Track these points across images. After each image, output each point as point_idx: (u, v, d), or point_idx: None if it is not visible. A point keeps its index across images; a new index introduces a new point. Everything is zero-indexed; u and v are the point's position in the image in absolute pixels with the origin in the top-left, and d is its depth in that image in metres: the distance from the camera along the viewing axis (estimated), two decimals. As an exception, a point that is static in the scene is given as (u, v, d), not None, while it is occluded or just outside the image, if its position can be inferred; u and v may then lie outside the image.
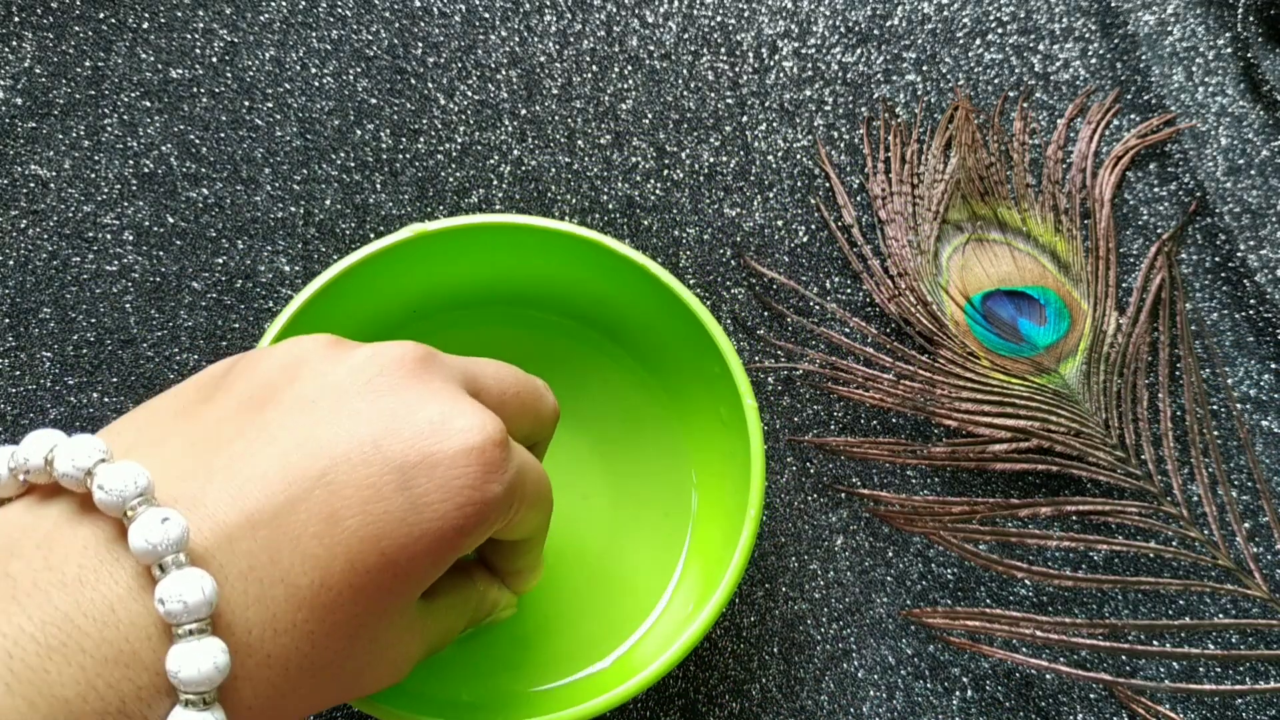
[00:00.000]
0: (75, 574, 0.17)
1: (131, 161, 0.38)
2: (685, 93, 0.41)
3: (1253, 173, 0.40)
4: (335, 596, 0.19)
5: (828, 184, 0.40)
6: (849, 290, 0.38)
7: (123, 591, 0.17)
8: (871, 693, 0.33)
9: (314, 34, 0.41)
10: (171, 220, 0.38)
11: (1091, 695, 0.33)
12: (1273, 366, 0.37)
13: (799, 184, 0.40)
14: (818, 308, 0.38)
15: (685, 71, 0.41)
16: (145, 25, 0.40)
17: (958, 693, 0.33)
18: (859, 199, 0.39)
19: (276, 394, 0.21)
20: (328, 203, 0.38)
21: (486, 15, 0.42)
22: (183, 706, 0.17)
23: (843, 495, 0.35)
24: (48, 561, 0.17)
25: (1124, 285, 0.39)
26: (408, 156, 0.39)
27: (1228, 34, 0.42)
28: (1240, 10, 0.42)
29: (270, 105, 0.39)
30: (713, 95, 0.41)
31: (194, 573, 0.17)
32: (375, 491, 0.20)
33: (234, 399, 0.21)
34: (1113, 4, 0.42)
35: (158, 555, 0.17)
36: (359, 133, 0.39)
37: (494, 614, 0.28)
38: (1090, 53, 0.42)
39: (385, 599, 0.20)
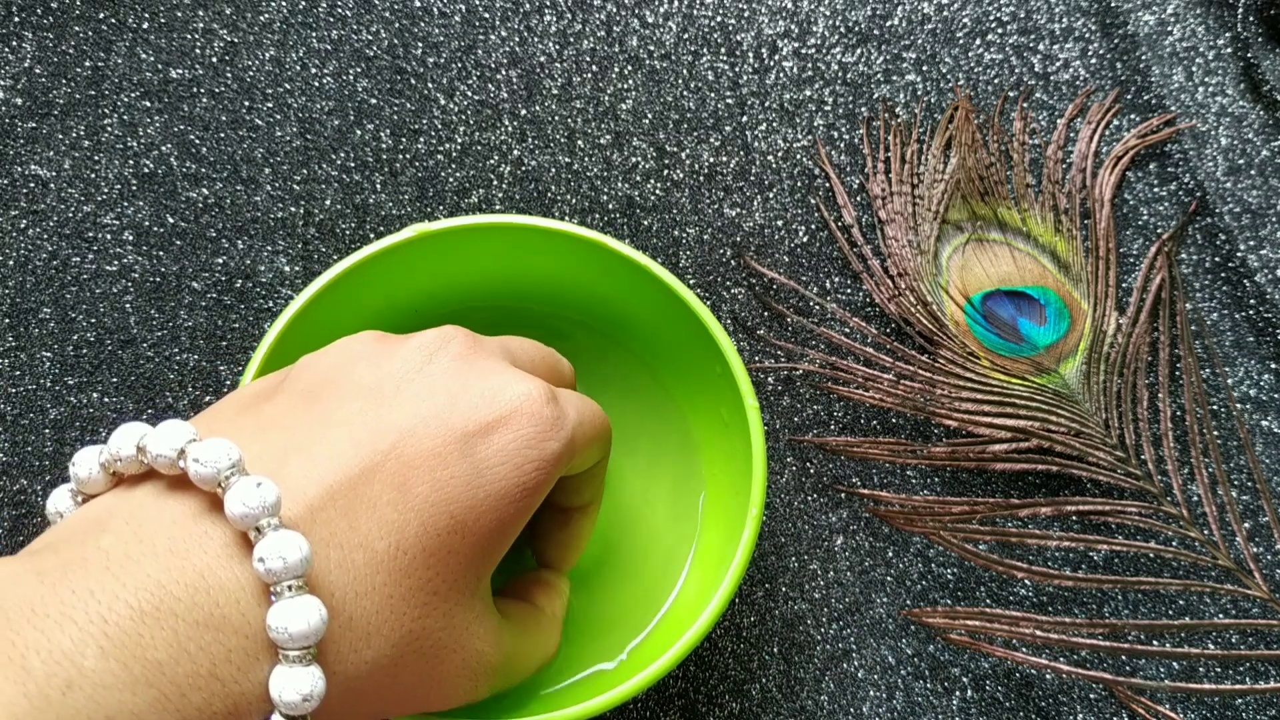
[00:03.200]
0: (166, 545, 0.18)
1: (131, 161, 0.38)
2: (685, 93, 0.41)
3: (1253, 173, 0.40)
4: (410, 561, 0.20)
5: (828, 184, 0.40)
6: (849, 290, 0.38)
7: (211, 560, 0.18)
8: (871, 693, 0.33)
9: (314, 34, 0.41)
10: (171, 220, 0.38)
11: (1091, 695, 0.33)
12: (1273, 366, 0.37)
13: (799, 184, 0.40)
14: (818, 308, 0.38)
15: (685, 71, 0.41)
16: (145, 25, 0.40)
17: (958, 693, 0.33)
18: (859, 199, 0.39)
19: (336, 385, 0.22)
20: (328, 203, 0.38)
21: (486, 15, 0.42)
22: (286, 665, 0.17)
23: (843, 495, 0.35)
24: (138, 535, 0.18)
25: (1124, 285, 0.39)
26: (408, 156, 0.39)
27: (1228, 34, 0.42)
28: (1240, 10, 0.42)
29: (270, 105, 0.39)
30: (713, 95, 0.41)
31: (290, 534, 0.18)
32: (441, 460, 0.21)
33: (294, 394, 0.22)
34: (1113, 4, 0.42)
35: (254, 519, 0.18)
36: (359, 133, 0.39)
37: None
38: (1090, 53, 0.42)
39: (456, 563, 0.21)
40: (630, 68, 0.41)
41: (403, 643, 0.20)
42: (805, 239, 0.39)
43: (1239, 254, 0.39)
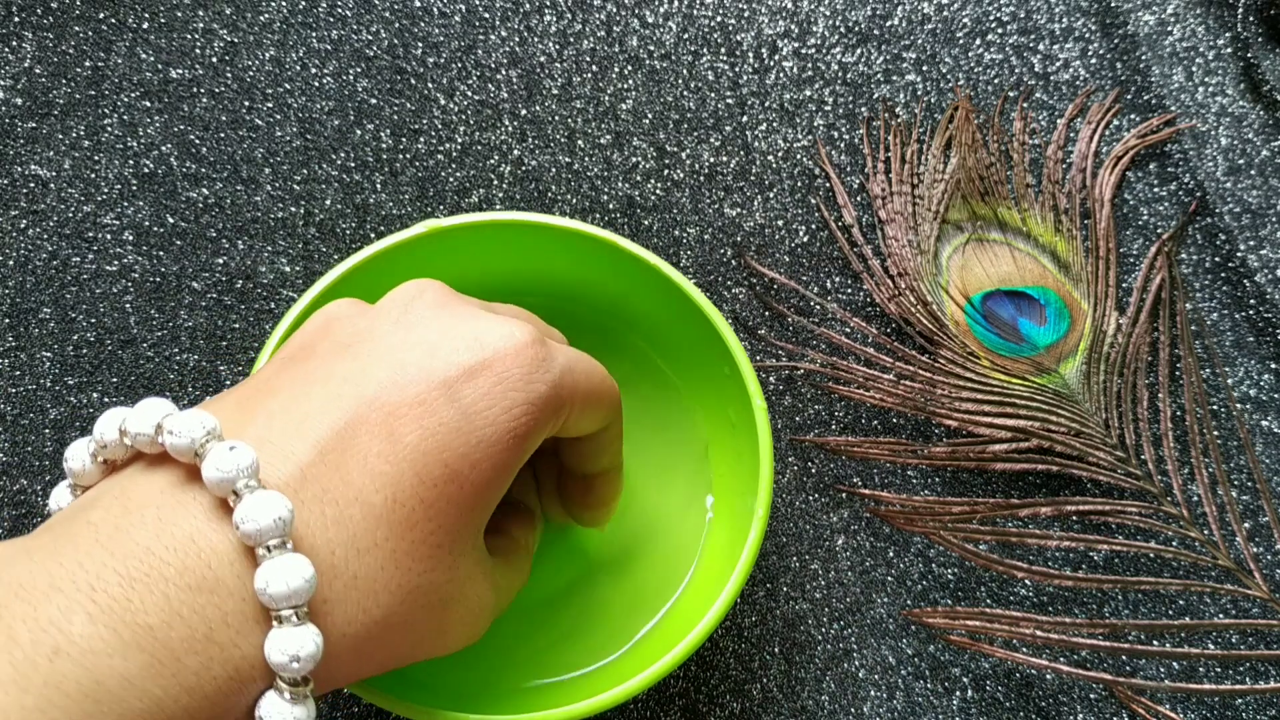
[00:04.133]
0: (154, 514, 0.18)
1: (131, 161, 0.38)
2: (685, 93, 0.41)
3: (1253, 173, 0.40)
4: (409, 513, 0.20)
5: (828, 184, 0.40)
6: (849, 290, 0.38)
7: (200, 523, 0.18)
8: (872, 693, 0.33)
9: (314, 34, 0.41)
10: (171, 220, 0.37)
11: (1091, 695, 0.33)
12: (1273, 366, 0.37)
13: (799, 184, 0.40)
14: (818, 308, 0.38)
15: (685, 71, 0.41)
16: (145, 25, 0.40)
17: (958, 693, 0.33)
18: (859, 199, 0.40)
19: (315, 347, 0.22)
20: (328, 203, 0.38)
21: (486, 15, 0.42)
22: (278, 625, 0.17)
23: (844, 495, 0.35)
24: (126, 507, 0.18)
25: (1124, 285, 0.39)
26: (408, 156, 0.39)
27: (1228, 34, 0.42)
28: (1240, 10, 0.42)
29: (270, 105, 0.39)
30: (713, 95, 0.41)
31: (267, 494, 0.18)
32: (426, 408, 0.20)
33: (278, 362, 0.22)
34: (1113, 4, 0.42)
35: (230, 483, 0.18)
36: (359, 133, 0.39)
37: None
38: (1090, 53, 0.42)
39: (456, 515, 0.21)
40: (630, 68, 0.41)
41: (410, 598, 0.20)
42: (805, 239, 0.39)
43: (1239, 254, 0.39)
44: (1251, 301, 0.38)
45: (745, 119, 0.40)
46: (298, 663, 0.17)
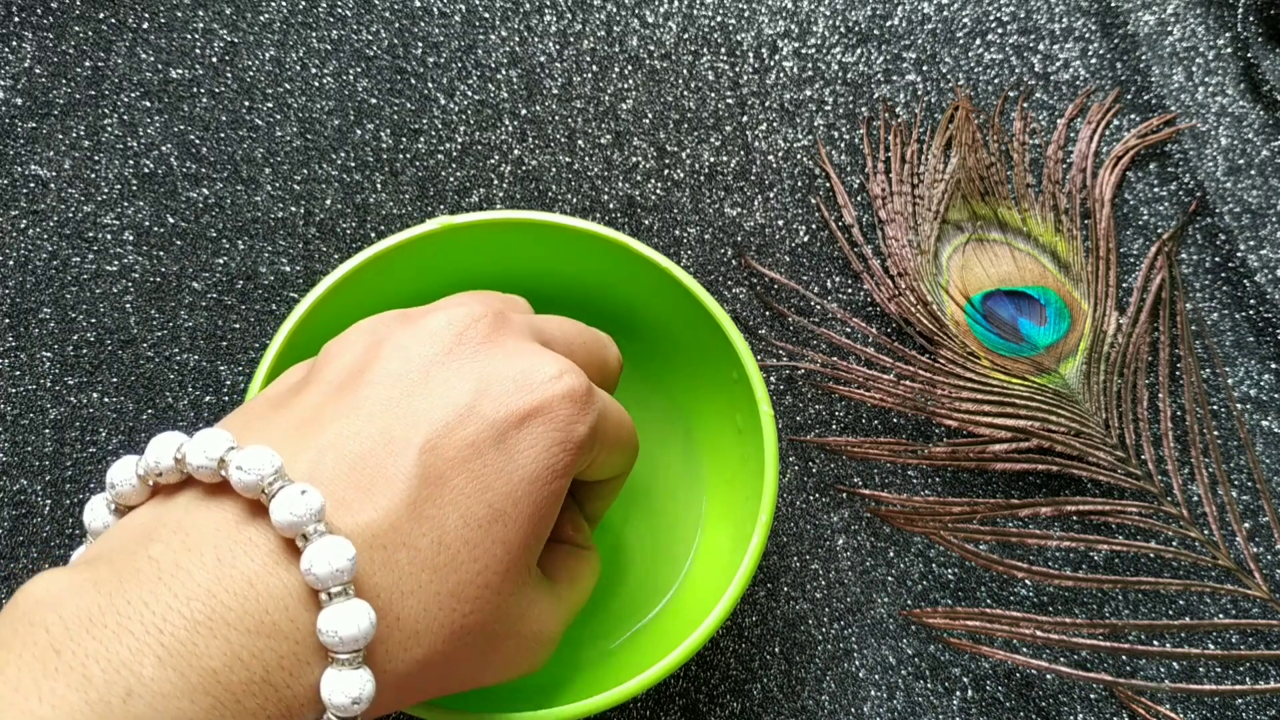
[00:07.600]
0: (213, 553, 0.18)
1: (131, 161, 0.38)
2: (685, 93, 0.41)
3: (1253, 173, 0.40)
4: (453, 555, 0.20)
5: (828, 184, 0.40)
6: (849, 290, 0.38)
7: (258, 567, 0.18)
8: (872, 692, 0.33)
9: (314, 34, 0.41)
10: (171, 220, 0.37)
11: (1092, 695, 0.33)
12: (1273, 366, 0.37)
13: (799, 184, 0.40)
14: (818, 308, 0.38)
15: (685, 71, 0.41)
16: (145, 25, 0.40)
17: (958, 693, 0.33)
18: (859, 199, 0.40)
19: (365, 373, 0.22)
20: (328, 203, 0.38)
21: (486, 15, 0.41)
22: (335, 669, 0.18)
23: (844, 495, 0.35)
24: (186, 544, 0.18)
25: (1124, 285, 0.39)
26: (408, 156, 0.39)
27: (1228, 34, 0.42)
28: (1240, 10, 0.42)
29: (270, 105, 0.39)
30: (713, 95, 0.41)
31: (334, 539, 0.18)
32: (475, 450, 0.21)
33: (325, 385, 0.22)
34: (1113, 4, 0.42)
35: (300, 526, 0.18)
36: (359, 133, 0.39)
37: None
38: (1090, 53, 0.42)
39: (505, 553, 0.21)
40: (630, 68, 0.41)
41: (454, 638, 0.20)
42: (806, 239, 0.39)
43: (1239, 254, 0.39)
44: (1251, 301, 0.38)
45: (745, 119, 0.40)
46: (357, 704, 0.18)
